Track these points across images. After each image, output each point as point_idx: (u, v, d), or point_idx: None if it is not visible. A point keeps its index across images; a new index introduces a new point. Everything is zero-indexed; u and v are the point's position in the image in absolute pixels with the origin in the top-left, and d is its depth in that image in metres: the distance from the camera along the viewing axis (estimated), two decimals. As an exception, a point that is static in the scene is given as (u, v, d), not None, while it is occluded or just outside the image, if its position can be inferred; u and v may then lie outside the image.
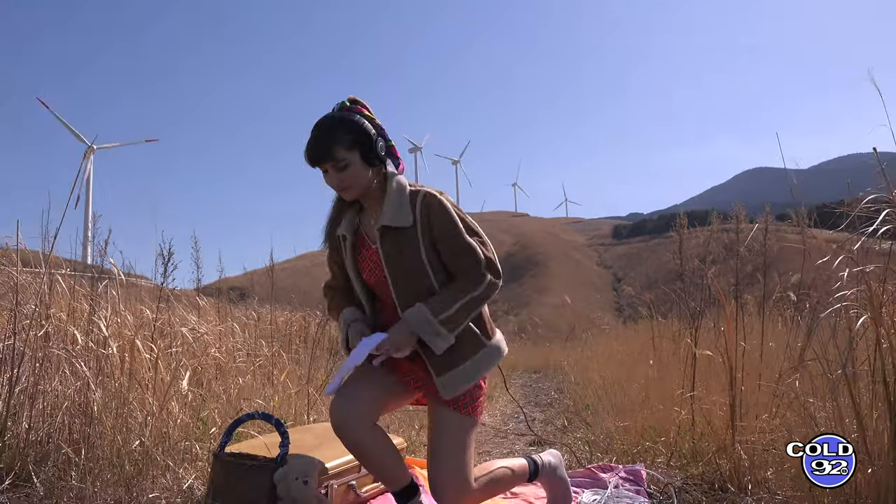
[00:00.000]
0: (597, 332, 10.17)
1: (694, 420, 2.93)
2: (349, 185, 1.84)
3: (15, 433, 2.40)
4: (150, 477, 2.36)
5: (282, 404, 3.40)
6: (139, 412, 2.58)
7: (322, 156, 1.80)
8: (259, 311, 5.28)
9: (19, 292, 2.57)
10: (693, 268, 3.71)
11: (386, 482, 1.95)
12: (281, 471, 1.93)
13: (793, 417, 2.47)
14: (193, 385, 2.95)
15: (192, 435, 2.64)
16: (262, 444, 2.14)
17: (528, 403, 6.03)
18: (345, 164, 1.80)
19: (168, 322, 3.33)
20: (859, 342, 2.14)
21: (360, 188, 1.86)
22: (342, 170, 1.81)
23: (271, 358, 4.07)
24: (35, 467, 2.29)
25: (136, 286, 4.13)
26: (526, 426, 4.24)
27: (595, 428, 3.88)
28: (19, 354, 2.48)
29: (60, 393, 2.53)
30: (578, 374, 6.78)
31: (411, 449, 3.15)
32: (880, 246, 2.18)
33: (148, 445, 2.43)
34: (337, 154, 1.79)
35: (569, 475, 2.72)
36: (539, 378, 8.71)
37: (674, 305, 4.68)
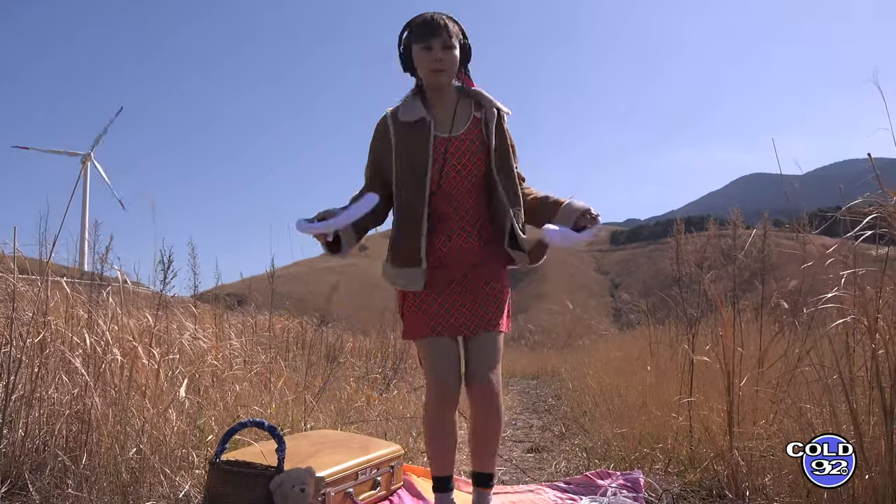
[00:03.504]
0: (594, 338, 10.17)
1: (691, 426, 2.93)
2: (447, 68, 1.95)
3: (11, 441, 2.38)
4: (146, 485, 2.35)
5: (278, 411, 3.39)
6: (137, 419, 2.57)
7: (439, 29, 1.92)
8: (256, 317, 5.28)
9: (16, 299, 2.56)
10: (690, 273, 3.71)
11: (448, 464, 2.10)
12: (277, 478, 1.93)
13: (790, 423, 2.47)
14: (190, 392, 2.94)
15: (188, 442, 2.63)
16: (258, 451, 2.14)
17: (525, 410, 6.02)
18: (451, 45, 1.93)
19: (166, 329, 3.32)
20: (856, 347, 2.15)
21: (450, 77, 1.99)
22: (447, 49, 1.93)
23: (268, 365, 4.06)
24: (31, 475, 2.28)
25: (133, 293, 4.12)
26: (523, 433, 4.23)
27: (593, 434, 3.88)
28: (16, 362, 2.47)
29: (57, 400, 2.52)
30: (576, 380, 6.78)
31: (409, 456, 3.14)
32: (877, 251, 2.19)
33: (145, 453, 2.42)
34: (452, 31, 1.94)
35: (567, 482, 2.73)
36: (537, 384, 8.69)
37: (671, 311, 4.68)
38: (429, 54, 1.93)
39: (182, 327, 3.60)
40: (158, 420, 2.57)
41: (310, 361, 4.17)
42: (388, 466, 2.43)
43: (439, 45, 1.92)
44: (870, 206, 2.01)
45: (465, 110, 2.05)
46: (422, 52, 1.94)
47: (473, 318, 2.04)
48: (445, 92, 2.03)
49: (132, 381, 2.65)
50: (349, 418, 3.92)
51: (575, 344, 11.71)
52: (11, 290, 2.53)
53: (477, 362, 2.02)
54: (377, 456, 2.37)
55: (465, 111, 2.05)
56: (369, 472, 2.31)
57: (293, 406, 3.49)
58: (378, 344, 6.76)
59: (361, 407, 4.26)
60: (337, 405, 4.03)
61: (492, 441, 2.07)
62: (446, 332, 2.04)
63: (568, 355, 10.28)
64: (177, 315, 3.76)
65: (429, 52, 1.93)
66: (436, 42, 1.91)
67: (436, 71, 1.94)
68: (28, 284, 2.74)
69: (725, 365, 2.65)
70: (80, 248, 3.20)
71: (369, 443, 2.54)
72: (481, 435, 2.06)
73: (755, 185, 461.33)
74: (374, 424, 3.89)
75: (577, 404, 5.31)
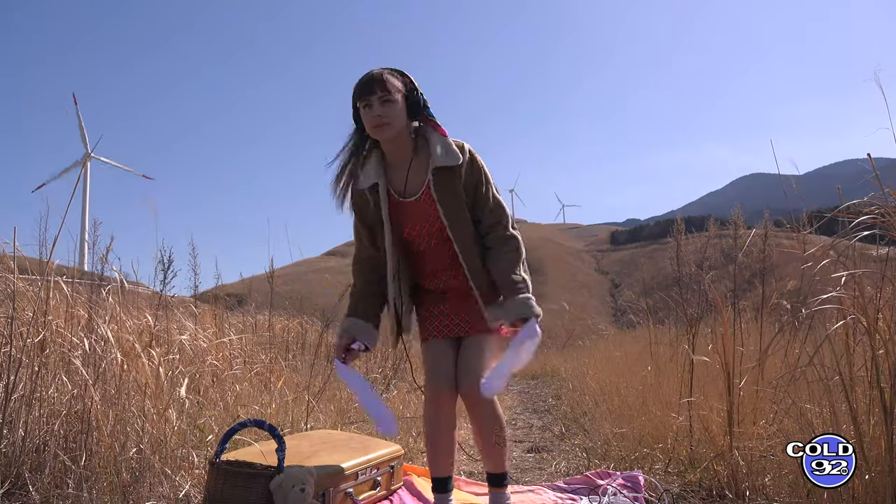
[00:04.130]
0: (594, 338, 10.16)
1: (691, 426, 2.93)
2: (388, 122, 1.95)
3: (11, 441, 2.38)
4: (146, 485, 2.35)
5: (279, 411, 3.39)
6: (137, 419, 2.57)
7: (373, 85, 1.93)
8: (256, 317, 5.28)
9: (17, 299, 2.56)
10: (690, 273, 3.71)
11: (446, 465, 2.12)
12: (277, 478, 1.93)
13: (790, 423, 2.47)
14: (190, 392, 2.94)
15: (188, 442, 2.63)
16: (258, 451, 2.14)
17: (525, 410, 6.02)
18: (390, 98, 1.93)
19: (166, 329, 3.32)
20: (857, 347, 2.15)
21: (396, 130, 1.98)
22: (385, 103, 1.93)
23: (268, 365, 4.06)
24: (31, 475, 2.28)
25: (133, 293, 4.12)
26: (523, 433, 4.23)
27: (593, 434, 3.88)
28: (16, 361, 2.47)
29: (57, 400, 2.52)
30: (576, 380, 6.78)
31: (409, 456, 3.14)
32: (877, 251, 2.19)
33: (145, 453, 2.42)
34: (387, 85, 1.93)
35: (567, 482, 2.73)
36: (537, 384, 8.69)
37: (671, 311, 4.68)
38: (370, 111, 1.96)
39: (182, 327, 3.60)
40: (158, 420, 2.57)
41: (311, 362, 4.16)
42: (388, 466, 2.43)
43: (377, 100, 1.93)
44: (870, 206, 2.01)
45: (419, 170, 2.05)
46: (364, 111, 1.97)
47: (468, 318, 2.10)
48: (400, 147, 2.04)
49: (132, 380, 2.65)
50: (349, 418, 3.93)
51: (575, 344, 11.70)
52: (11, 290, 2.53)
53: (464, 365, 2.06)
54: (377, 456, 2.37)
55: (419, 171, 2.05)
56: (369, 472, 2.31)
57: (293, 406, 3.49)
58: (378, 344, 6.74)
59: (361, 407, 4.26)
60: (337, 405, 4.03)
61: (494, 442, 2.08)
62: (441, 333, 2.11)
63: (568, 355, 10.28)
64: (177, 315, 3.76)
65: (370, 110, 1.95)
66: (373, 98, 1.94)
67: (377, 126, 1.97)
68: (29, 284, 2.74)
69: (725, 365, 2.65)
70: (80, 248, 3.20)
71: (369, 443, 2.54)
72: (483, 438, 2.09)
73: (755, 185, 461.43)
74: (374, 424, 3.89)
75: (577, 404, 5.31)
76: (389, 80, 1.95)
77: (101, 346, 2.62)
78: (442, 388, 2.05)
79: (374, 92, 1.93)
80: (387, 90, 1.93)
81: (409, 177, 2.05)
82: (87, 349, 2.59)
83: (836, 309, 2.17)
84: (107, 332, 2.64)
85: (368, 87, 1.94)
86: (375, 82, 1.94)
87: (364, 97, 1.95)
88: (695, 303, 3.49)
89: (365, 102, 1.96)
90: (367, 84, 1.95)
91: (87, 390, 2.44)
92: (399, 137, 2.01)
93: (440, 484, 2.12)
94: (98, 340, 2.63)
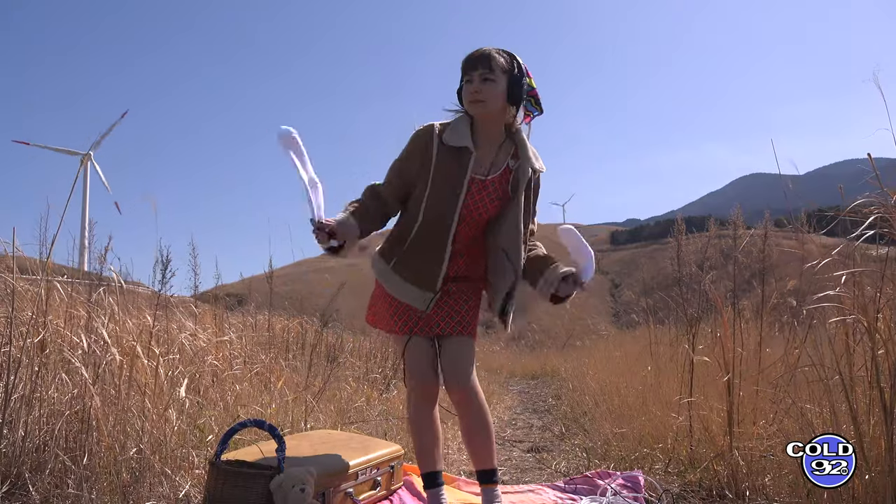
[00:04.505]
0: (594, 338, 10.17)
1: (691, 426, 2.93)
2: (484, 99, 1.96)
3: (11, 441, 2.38)
4: (146, 485, 2.35)
5: (279, 411, 3.39)
6: (137, 419, 2.57)
7: (479, 59, 1.95)
8: (256, 317, 5.27)
9: (16, 299, 2.56)
10: (691, 273, 3.71)
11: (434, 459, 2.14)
12: (277, 478, 1.92)
13: (790, 423, 2.47)
14: (190, 392, 2.94)
15: (188, 442, 2.63)
16: (258, 451, 2.14)
17: (525, 410, 6.02)
18: (491, 78, 1.94)
19: (166, 329, 3.32)
20: (857, 347, 2.15)
21: (490, 109, 1.99)
22: (486, 81, 1.94)
23: (268, 365, 4.06)
24: (31, 475, 2.28)
25: (133, 293, 4.12)
26: (523, 433, 4.23)
27: (593, 434, 3.88)
28: (16, 361, 2.47)
29: (57, 400, 2.52)
30: (576, 380, 6.78)
31: (409, 456, 3.14)
32: (877, 251, 2.19)
33: (145, 453, 2.42)
34: (492, 63, 1.94)
35: (567, 482, 2.73)
36: (536, 384, 8.70)
37: (671, 311, 4.68)
38: (470, 86, 1.98)
39: (182, 327, 3.60)
40: (158, 420, 2.57)
41: (311, 362, 4.16)
42: (388, 466, 2.43)
43: (478, 76, 1.96)
44: (870, 206, 2.01)
45: (504, 155, 2.08)
46: (465, 85, 2.00)
47: (449, 320, 2.10)
48: (492, 128, 2.05)
49: (132, 380, 2.65)
50: (349, 418, 3.92)
51: (575, 344, 11.71)
52: (11, 290, 2.53)
53: (451, 367, 2.07)
54: (377, 456, 2.37)
55: (504, 156, 2.08)
56: (369, 472, 2.31)
57: (293, 406, 3.49)
58: (378, 344, 6.75)
59: (361, 407, 4.26)
60: (337, 405, 4.03)
61: (480, 436, 2.11)
62: (422, 331, 2.11)
63: (568, 355, 10.29)
64: (177, 315, 3.76)
65: (470, 85, 1.98)
66: (475, 74, 1.96)
67: (473, 102, 1.98)
68: (29, 284, 2.74)
69: (725, 365, 2.65)
70: (80, 248, 3.19)
71: (369, 443, 2.54)
72: (471, 434, 2.12)
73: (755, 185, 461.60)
74: (374, 424, 3.89)
75: (577, 404, 5.31)
76: (495, 59, 1.96)
77: (100, 346, 2.62)
78: (425, 387, 2.09)
79: (476, 68, 1.95)
80: (489, 68, 1.94)
81: (498, 154, 2.06)
82: (87, 349, 2.59)
83: (835, 308, 2.17)
84: (103, 332, 2.64)
85: (473, 62, 1.96)
86: (480, 59, 1.96)
87: (467, 72, 1.98)
88: (695, 303, 3.49)
89: (468, 77, 1.98)
90: (473, 60, 1.97)
91: (87, 390, 2.44)
92: (493, 117, 2.02)
93: (430, 479, 2.14)
94: (97, 340, 2.63)
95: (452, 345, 2.11)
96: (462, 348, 2.11)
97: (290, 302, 7.11)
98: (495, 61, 1.95)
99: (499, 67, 1.95)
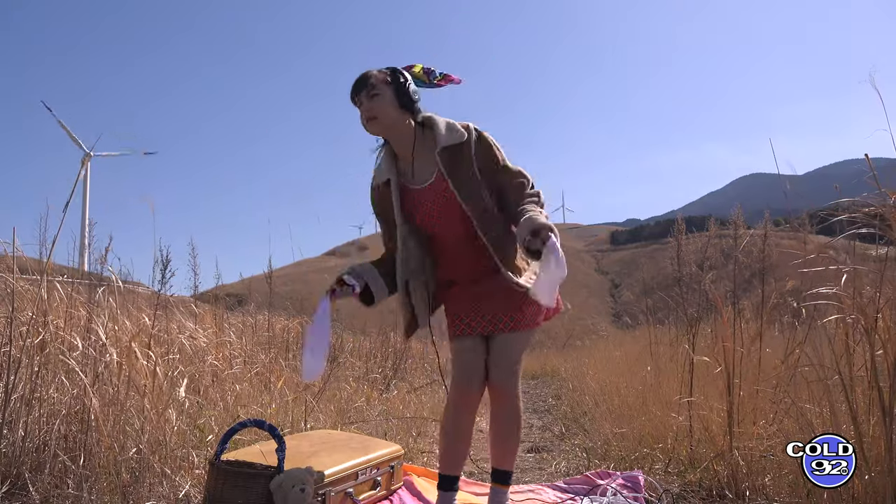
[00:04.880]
0: (594, 338, 10.16)
1: (692, 426, 2.93)
2: (376, 115, 1.99)
3: (11, 441, 2.39)
4: (146, 485, 2.35)
5: (279, 411, 3.39)
6: (136, 419, 2.57)
7: (359, 84, 2.00)
8: (256, 317, 5.28)
9: (16, 299, 2.56)
10: (691, 273, 3.71)
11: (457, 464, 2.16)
12: (277, 478, 1.92)
13: (790, 423, 2.47)
14: (190, 392, 2.94)
15: (188, 442, 2.63)
16: (258, 451, 2.14)
17: (525, 410, 6.01)
18: (375, 93, 1.98)
19: (166, 329, 3.32)
20: (856, 347, 2.15)
21: (386, 123, 2.02)
22: (372, 98, 1.99)
23: (268, 365, 4.06)
24: (31, 475, 2.28)
25: (133, 293, 4.12)
26: (524, 433, 4.23)
27: (593, 434, 3.88)
28: (16, 361, 2.47)
29: (57, 400, 2.52)
30: (576, 380, 6.78)
31: (409, 456, 3.14)
32: (877, 251, 2.19)
33: (145, 453, 2.42)
34: (370, 81, 1.99)
35: (567, 482, 2.73)
36: (537, 384, 8.70)
37: (671, 311, 4.68)
38: (361, 109, 2.02)
39: (182, 327, 3.60)
40: (158, 420, 2.57)
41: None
42: (388, 466, 2.43)
43: (365, 97, 1.99)
44: (863, 206, 2.02)
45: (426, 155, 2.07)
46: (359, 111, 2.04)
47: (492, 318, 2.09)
48: (401, 137, 2.07)
49: (130, 381, 2.65)
50: (349, 418, 3.93)
51: (575, 344, 11.71)
52: (11, 290, 2.53)
53: (493, 365, 2.08)
54: (377, 456, 2.37)
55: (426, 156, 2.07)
56: (369, 472, 2.31)
57: (293, 406, 3.49)
58: (378, 344, 6.76)
59: (361, 407, 4.27)
60: (337, 405, 4.03)
61: (507, 439, 2.12)
62: (468, 331, 2.11)
63: (568, 355, 10.28)
64: (176, 315, 3.76)
65: (361, 107, 2.02)
66: (361, 96, 2.00)
67: (367, 120, 2.02)
68: (30, 284, 2.74)
69: (725, 365, 2.65)
70: (80, 248, 3.19)
71: (369, 443, 2.54)
72: (497, 432, 2.12)
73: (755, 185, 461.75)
74: (374, 424, 3.89)
75: (577, 404, 5.31)
76: (374, 76, 2.00)
77: (99, 346, 2.62)
78: (472, 384, 2.09)
79: (360, 90, 1.99)
80: (371, 85, 1.98)
81: (415, 163, 2.08)
82: (82, 350, 2.59)
83: (835, 307, 2.17)
84: (101, 332, 2.64)
85: (356, 87, 2.00)
86: (360, 81, 2.00)
87: (354, 98, 2.02)
88: (695, 303, 3.49)
89: (355, 103, 2.02)
90: (355, 85, 2.01)
91: (86, 390, 2.45)
92: (395, 129, 2.04)
93: (448, 482, 2.15)
94: (96, 341, 2.63)
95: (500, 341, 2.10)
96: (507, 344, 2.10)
97: (290, 302, 7.11)
98: (374, 78, 2.00)
99: (380, 82, 2.00)
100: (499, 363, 2.08)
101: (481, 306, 2.10)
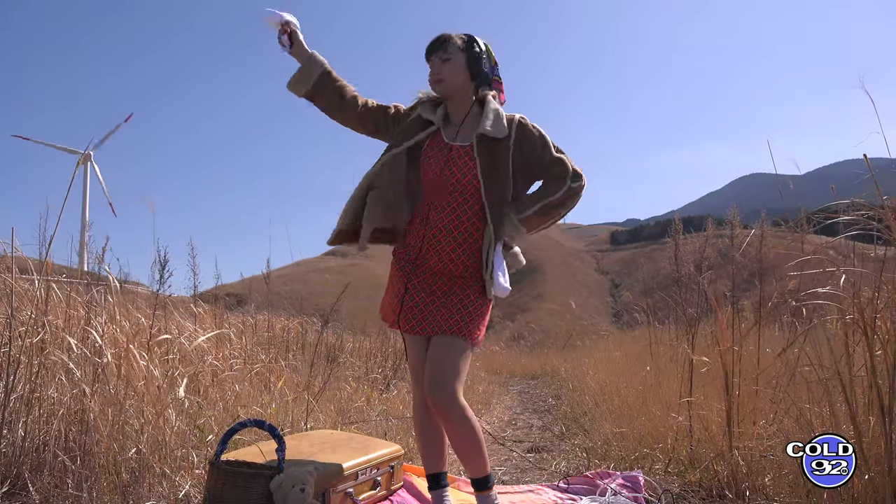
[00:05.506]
0: (594, 338, 10.16)
1: (691, 426, 2.93)
2: (443, 79, 2.07)
3: (10, 441, 2.39)
4: (146, 485, 2.35)
5: (279, 411, 3.39)
6: (136, 420, 2.57)
7: (434, 45, 2.07)
8: (256, 317, 5.28)
9: (16, 299, 2.56)
10: (689, 273, 3.71)
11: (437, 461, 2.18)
12: (277, 478, 1.93)
13: (790, 423, 2.47)
14: (190, 392, 2.94)
15: (188, 442, 2.63)
16: (258, 451, 2.14)
17: (525, 410, 6.03)
18: (448, 57, 2.05)
19: (165, 329, 3.32)
20: (856, 347, 2.15)
21: (452, 87, 2.08)
22: (444, 62, 2.06)
23: (268, 365, 4.06)
24: (31, 475, 2.28)
25: (132, 293, 4.12)
26: (523, 433, 4.23)
27: (593, 434, 3.88)
28: (15, 362, 2.47)
29: (56, 400, 2.52)
30: (576, 380, 6.78)
31: (409, 456, 3.14)
32: (875, 252, 2.19)
33: (144, 453, 2.42)
34: (447, 45, 2.06)
35: (567, 482, 2.73)
36: (537, 384, 8.70)
37: (671, 311, 4.68)
38: (431, 69, 2.10)
39: (181, 327, 3.60)
40: (157, 420, 2.57)
41: (311, 362, 4.16)
42: (388, 466, 2.43)
43: (437, 59, 2.07)
44: (860, 209, 2.02)
45: (471, 126, 2.11)
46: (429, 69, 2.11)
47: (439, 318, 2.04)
48: (458, 104, 2.13)
49: (128, 381, 2.64)
50: (349, 418, 3.93)
51: (575, 344, 11.71)
52: (10, 290, 2.53)
53: (431, 378, 2.00)
54: (377, 456, 2.37)
55: (471, 127, 2.11)
56: (369, 472, 2.31)
57: (293, 406, 3.49)
58: (378, 344, 6.76)
59: (361, 407, 4.27)
60: (337, 405, 4.03)
61: (468, 452, 2.02)
62: (414, 329, 2.07)
63: (568, 355, 10.29)
64: (175, 315, 3.76)
65: (431, 67, 2.09)
66: (434, 57, 2.08)
67: (434, 82, 2.10)
68: (28, 284, 2.74)
69: (724, 365, 2.65)
70: (79, 248, 3.20)
71: (369, 443, 2.54)
72: (455, 448, 2.05)
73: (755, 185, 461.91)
74: (374, 424, 3.90)
75: (577, 404, 5.31)
76: (450, 40, 2.07)
77: (95, 347, 2.62)
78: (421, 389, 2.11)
79: (436, 50, 2.07)
80: (445, 49, 2.05)
81: (463, 123, 2.11)
82: (77, 350, 2.59)
83: (834, 307, 2.17)
84: (95, 335, 2.63)
85: (432, 46, 2.08)
86: (437, 43, 2.07)
87: (427, 56, 2.09)
88: (694, 303, 3.49)
89: (428, 61, 2.10)
90: (432, 43, 2.08)
91: (84, 391, 2.44)
92: (457, 95, 2.11)
93: (434, 480, 2.17)
94: (93, 342, 2.63)
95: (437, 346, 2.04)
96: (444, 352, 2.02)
97: (289, 302, 7.11)
98: (451, 42, 2.06)
99: (454, 47, 2.06)
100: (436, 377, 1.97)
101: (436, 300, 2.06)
